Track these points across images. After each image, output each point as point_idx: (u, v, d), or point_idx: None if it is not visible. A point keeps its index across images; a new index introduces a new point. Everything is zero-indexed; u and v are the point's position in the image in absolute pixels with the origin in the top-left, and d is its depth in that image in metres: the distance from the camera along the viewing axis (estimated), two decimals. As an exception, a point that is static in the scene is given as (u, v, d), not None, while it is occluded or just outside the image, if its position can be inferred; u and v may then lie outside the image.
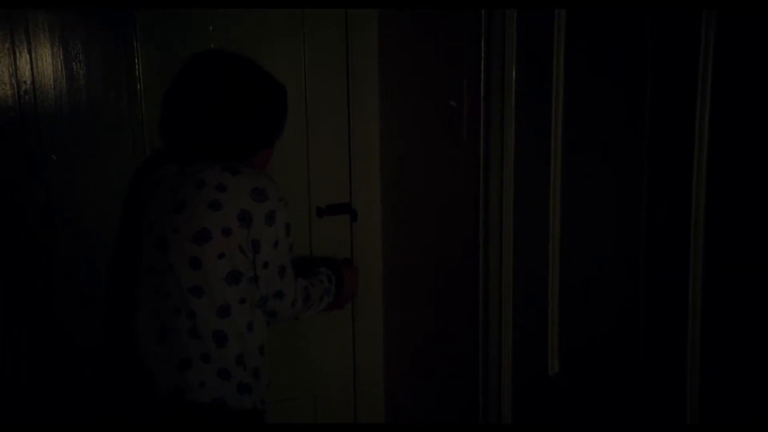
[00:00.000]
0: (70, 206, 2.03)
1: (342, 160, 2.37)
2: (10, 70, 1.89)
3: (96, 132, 2.02)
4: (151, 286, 1.76)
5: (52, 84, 1.95)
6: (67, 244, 2.04)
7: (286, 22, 2.20)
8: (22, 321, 2.02)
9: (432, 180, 2.07)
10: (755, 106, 1.39)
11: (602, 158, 1.66)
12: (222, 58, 2.01)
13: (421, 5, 1.98)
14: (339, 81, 2.32)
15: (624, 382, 1.62)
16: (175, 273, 1.71)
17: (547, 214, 1.72)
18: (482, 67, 1.73)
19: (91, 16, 1.95)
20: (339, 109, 2.34)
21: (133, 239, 1.84)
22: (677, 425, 1.52)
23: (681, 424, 1.51)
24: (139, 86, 2.05)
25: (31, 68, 1.92)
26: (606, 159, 1.66)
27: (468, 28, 1.75)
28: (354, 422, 2.53)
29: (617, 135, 1.65)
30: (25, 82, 1.91)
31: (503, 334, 1.82)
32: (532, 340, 1.77)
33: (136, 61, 2.04)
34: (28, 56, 1.91)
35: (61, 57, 1.94)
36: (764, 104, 1.36)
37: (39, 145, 1.96)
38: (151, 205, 1.78)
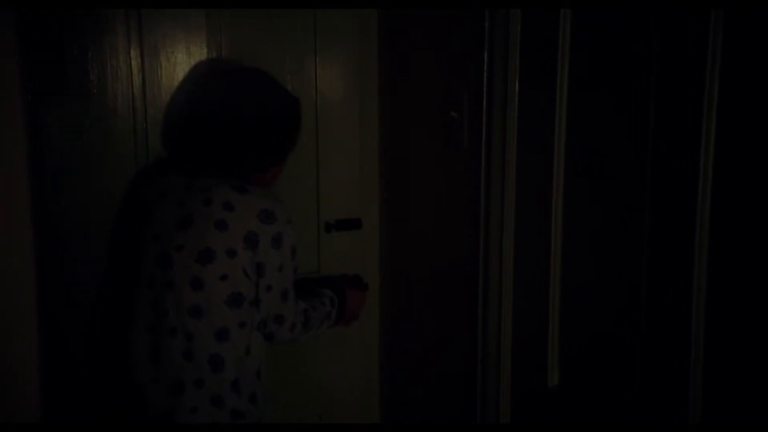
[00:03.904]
0: (74, 214, 1.99)
1: (352, 174, 2.32)
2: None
3: (99, 141, 1.99)
4: (148, 300, 1.70)
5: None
6: (66, 250, 2.00)
7: (297, 33, 2.17)
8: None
9: (432, 192, 2.06)
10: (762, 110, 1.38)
11: (606, 168, 1.65)
12: (234, 70, 1.95)
13: (422, 4, 1.98)
14: (350, 95, 2.27)
15: (624, 394, 1.59)
16: (175, 291, 1.65)
17: (548, 225, 1.71)
18: (485, 78, 1.73)
19: (89, 25, 1.92)
20: (350, 123, 2.29)
21: (132, 249, 1.78)
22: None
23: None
24: (144, 93, 2.01)
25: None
26: (610, 169, 1.65)
27: (470, 38, 1.75)
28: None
29: (621, 144, 1.64)
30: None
31: (503, 345, 1.80)
32: (532, 351, 1.74)
33: (141, 67, 2.00)
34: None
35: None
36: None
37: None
38: (156, 217, 1.72)
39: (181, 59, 2.03)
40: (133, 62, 1.98)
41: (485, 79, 1.73)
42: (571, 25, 1.67)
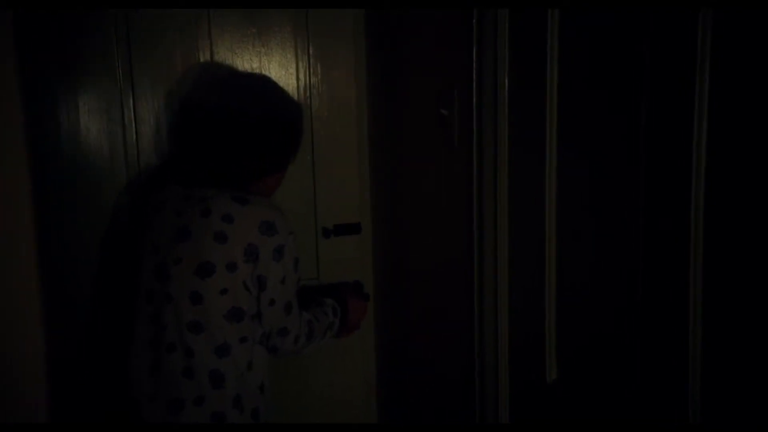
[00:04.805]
0: (74, 218, 1.99)
1: (350, 178, 2.30)
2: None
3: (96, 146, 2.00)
4: (147, 314, 1.67)
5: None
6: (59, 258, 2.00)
7: (289, 35, 2.15)
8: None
9: (426, 192, 2.04)
10: (754, 106, 1.36)
11: (599, 162, 1.64)
12: (233, 74, 1.95)
13: (410, 3, 1.97)
14: (346, 96, 2.24)
15: (623, 389, 1.56)
16: (174, 305, 1.61)
17: (542, 220, 1.69)
18: (474, 77, 1.72)
19: (81, 32, 1.93)
20: (347, 126, 2.27)
21: (131, 260, 1.76)
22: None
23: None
24: (131, 96, 2.00)
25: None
26: (603, 163, 1.63)
27: (459, 37, 1.74)
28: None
29: (614, 140, 1.62)
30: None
31: (500, 342, 1.77)
32: (529, 348, 1.71)
33: (130, 72, 1.99)
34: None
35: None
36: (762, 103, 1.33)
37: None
38: (154, 228, 1.68)
39: (171, 61, 2.03)
40: (121, 67, 1.98)
41: (474, 78, 1.71)
42: (559, 24, 1.65)
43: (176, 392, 1.62)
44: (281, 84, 2.08)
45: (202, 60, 2.05)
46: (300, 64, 2.18)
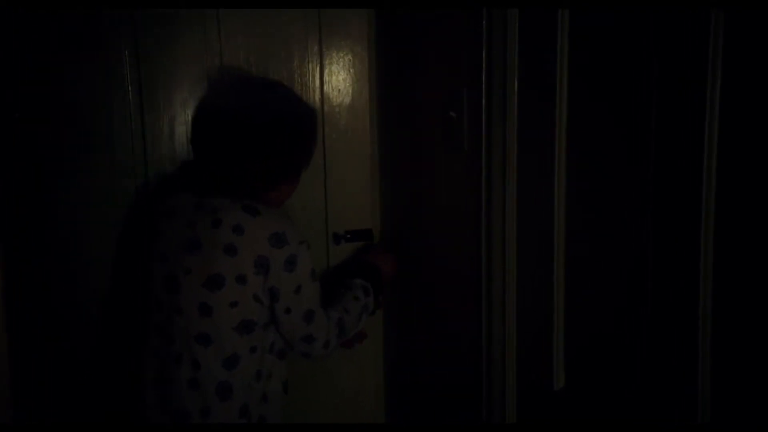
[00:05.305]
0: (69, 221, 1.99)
1: (361, 183, 2.28)
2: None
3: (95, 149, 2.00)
4: (154, 324, 1.66)
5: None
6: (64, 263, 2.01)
7: (301, 37, 2.13)
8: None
9: (435, 195, 2.03)
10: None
11: (608, 168, 1.62)
12: (245, 79, 1.95)
13: (419, 5, 1.95)
14: (359, 99, 2.23)
15: (632, 396, 1.53)
16: (182, 317, 1.61)
17: (551, 226, 1.67)
18: (483, 78, 1.71)
19: (86, 33, 1.93)
20: (359, 129, 2.25)
21: (138, 268, 1.76)
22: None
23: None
24: (141, 102, 2.00)
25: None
26: (612, 169, 1.61)
27: (468, 38, 1.73)
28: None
29: (623, 144, 1.60)
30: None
31: (507, 348, 1.75)
32: (537, 354, 1.69)
33: (138, 73, 1.99)
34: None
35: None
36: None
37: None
38: (163, 237, 1.67)
39: (180, 67, 2.03)
40: (130, 68, 1.98)
41: (484, 79, 1.70)
42: (569, 24, 1.64)
43: (182, 403, 1.61)
44: (293, 88, 2.08)
45: (211, 65, 2.04)
46: (312, 67, 2.17)
